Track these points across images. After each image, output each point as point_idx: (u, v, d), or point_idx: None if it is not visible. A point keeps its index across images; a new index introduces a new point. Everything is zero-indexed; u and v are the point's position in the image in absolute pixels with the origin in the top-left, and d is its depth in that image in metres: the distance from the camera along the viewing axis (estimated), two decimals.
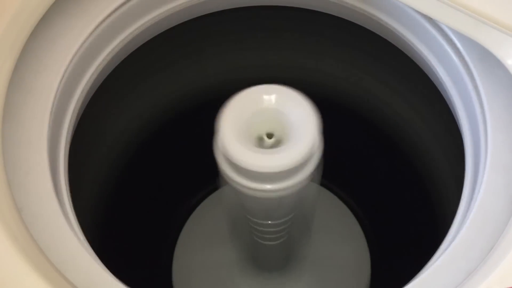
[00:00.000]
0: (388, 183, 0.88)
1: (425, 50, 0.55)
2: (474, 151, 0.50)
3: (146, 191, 0.84)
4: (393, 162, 0.84)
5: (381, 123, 0.78)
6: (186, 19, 0.61)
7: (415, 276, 0.43)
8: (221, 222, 0.89)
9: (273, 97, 0.45)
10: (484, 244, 0.43)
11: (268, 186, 0.47)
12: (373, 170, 0.89)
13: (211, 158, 0.48)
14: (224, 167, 0.47)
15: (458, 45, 0.51)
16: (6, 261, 0.38)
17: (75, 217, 0.46)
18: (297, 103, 0.45)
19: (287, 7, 0.63)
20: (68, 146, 0.50)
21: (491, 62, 0.49)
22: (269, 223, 0.63)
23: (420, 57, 0.56)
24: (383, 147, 0.82)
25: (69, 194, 0.47)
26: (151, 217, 0.88)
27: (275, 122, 0.46)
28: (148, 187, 0.85)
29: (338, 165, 0.83)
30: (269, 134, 0.47)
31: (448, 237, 0.46)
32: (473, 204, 0.45)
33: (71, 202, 0.47)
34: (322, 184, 0.96)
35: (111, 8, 0.52)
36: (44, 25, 0.50)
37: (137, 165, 0.79)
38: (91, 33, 0.51)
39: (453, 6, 0.44)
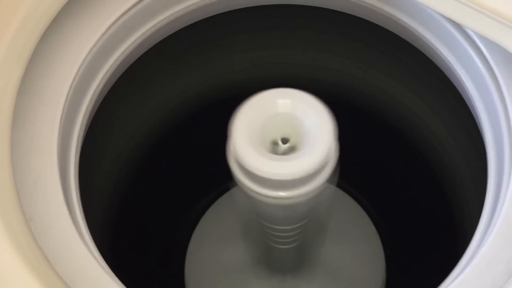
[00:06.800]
0: (406, 187, 0.86)
1: (448, 54, 0.53)
2: (497, 156, 0.49)
3: (157, 195, 0.84)
4: (413, 167, 0.82)
5: (400, 125, 0.77)
6: (196, 20, 0.60)
7: None
8: (234, 223, 0.88)
9: (287, 101, 0.44)
10: (510, 259, 0.41)
11: (282, 193, 0.45)
12: (390, 172, 0.88)
13: (224, 158, 0.47)
14: (237, 173, 0.46)
15: (482, 48, 0.49)
16: (12, 274, 0.37)
17: (86, 225, 0.45)
18: (312, 107, 0.43)
19: (308, 6, 0.62)
20: (78, 152, 0.49)
21: None
22: (283, 228, 0.62)
23: (441, 59, 0.55)
24: (402, 150, 0.81)
25: (80, 201, 0.46)
26: (162, 220, 0.87)
27: (289, 127, 0.44)
28: (159, 191, 0.84)
29: (356, 168, 0.82)
30: (283, 140, 0.46)
31: (470, 246, 0.45)
32: (497, 215, 0.43)
33: (81, 209, 0.46)
34: (338, 185, 0.94)
35: (122, 10, 0.51)
36: (54, 28, 0.49)
37: (148, 168, 0.78)
38: (101, 36, 0.50)
39: (478, 9, 0.42)
